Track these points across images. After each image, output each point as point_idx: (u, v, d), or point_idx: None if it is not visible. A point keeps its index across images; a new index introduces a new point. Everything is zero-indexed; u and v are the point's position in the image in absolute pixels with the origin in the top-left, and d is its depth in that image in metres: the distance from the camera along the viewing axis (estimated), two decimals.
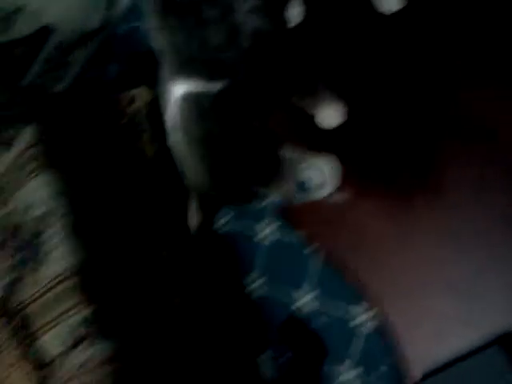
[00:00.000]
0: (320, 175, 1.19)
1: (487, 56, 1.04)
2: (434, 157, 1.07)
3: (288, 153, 1.17)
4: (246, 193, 1.02)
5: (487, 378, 0.98)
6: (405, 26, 1.14)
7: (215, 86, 0.90)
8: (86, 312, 1.24)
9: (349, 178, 1.16)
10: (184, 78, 0.91)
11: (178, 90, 0.92)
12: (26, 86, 2.30)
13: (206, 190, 0.99)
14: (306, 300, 1.29)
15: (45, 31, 2.39)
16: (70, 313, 1.25)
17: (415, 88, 1.11)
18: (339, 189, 1.17)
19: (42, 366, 1.28)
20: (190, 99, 0.91)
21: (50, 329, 1.26)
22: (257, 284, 1.39)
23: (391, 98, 1.13)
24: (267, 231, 1.37)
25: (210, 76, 0.90)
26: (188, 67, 0.91)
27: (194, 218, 0.97)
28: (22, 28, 2.42)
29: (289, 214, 1.22)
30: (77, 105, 2.00)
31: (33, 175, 1.48)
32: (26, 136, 1.54)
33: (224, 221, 1.46)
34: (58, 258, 1.32)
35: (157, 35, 0.93)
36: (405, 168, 1.09)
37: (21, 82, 2.35)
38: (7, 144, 1.55)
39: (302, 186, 1.17)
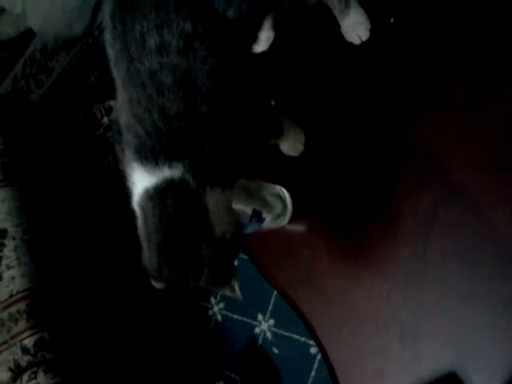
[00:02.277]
0: (278, 205, 1.16)
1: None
2: (389, 192, 1.04)
3: (249, 182, 1.13)
4: None
5: None
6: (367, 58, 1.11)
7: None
8: (34, 338, 1.21)
9: (303, 210, 1.13)
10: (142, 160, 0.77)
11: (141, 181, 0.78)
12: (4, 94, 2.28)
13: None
14: (264, 327, 1.27)
15: (28, 34, 2.38)
16: (21, 337, 1.22)
17: (372, 121, 1.09)
18: (293, 220, 1.14)
19: None
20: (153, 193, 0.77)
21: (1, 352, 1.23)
22: (217, 308, 1.37)
23: (349, 131, 1.10)
24: None
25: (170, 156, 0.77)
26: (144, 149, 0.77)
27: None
28: (6, 30, 2.41)
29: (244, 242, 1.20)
30: (52, 113, 1.98)
31: None
32: None
33: None
34: (13, 277, 1.30)
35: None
36: (358, 202, 1.07)
37: None
38: None
39: (259, 215, 1.14)
